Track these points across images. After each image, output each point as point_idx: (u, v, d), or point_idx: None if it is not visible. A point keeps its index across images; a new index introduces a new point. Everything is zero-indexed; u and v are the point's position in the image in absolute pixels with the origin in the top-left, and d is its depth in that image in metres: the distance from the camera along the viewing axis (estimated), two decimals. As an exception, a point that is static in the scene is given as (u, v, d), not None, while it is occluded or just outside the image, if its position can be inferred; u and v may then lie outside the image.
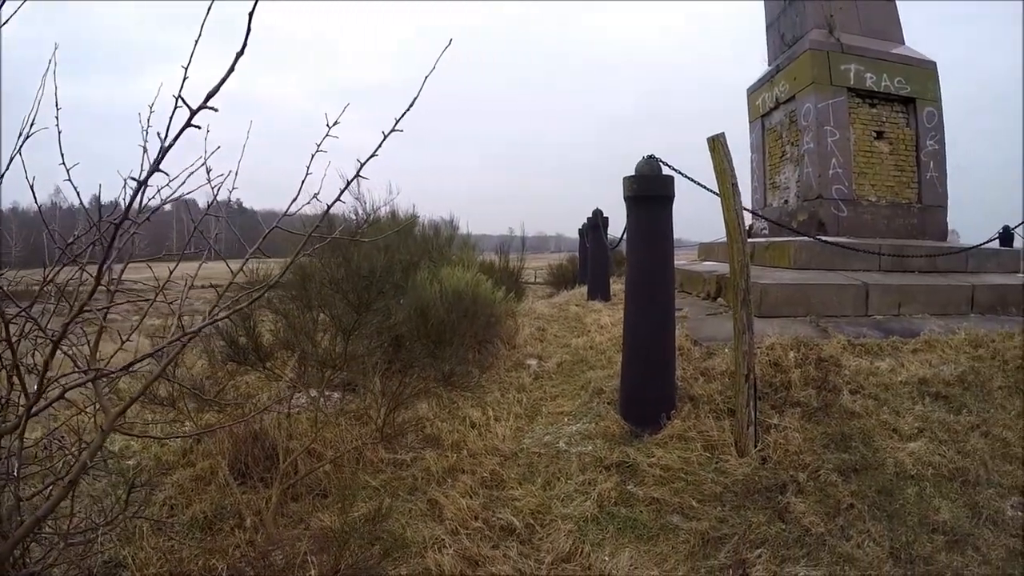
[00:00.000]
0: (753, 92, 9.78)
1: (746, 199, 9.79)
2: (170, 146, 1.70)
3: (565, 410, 4.19)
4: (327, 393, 4.15)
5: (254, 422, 3.46)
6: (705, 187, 3.82)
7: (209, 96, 1.63)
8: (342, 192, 2.06)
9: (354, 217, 5.39)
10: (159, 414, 3.80)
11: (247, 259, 2.11)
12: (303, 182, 1.96)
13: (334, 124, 1.89)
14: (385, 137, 1.93)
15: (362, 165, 1.97)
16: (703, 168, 3.73)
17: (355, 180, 2.07)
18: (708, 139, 3.65)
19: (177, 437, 3.57)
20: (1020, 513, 3.34)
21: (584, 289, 9.29)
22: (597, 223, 8.92)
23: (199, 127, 1.68)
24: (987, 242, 6.60)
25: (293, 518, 3.01)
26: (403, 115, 1.90)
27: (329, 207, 2.06)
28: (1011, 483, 3.54)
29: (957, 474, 3.51)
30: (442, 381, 4.30)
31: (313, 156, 1.93)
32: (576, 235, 12.62)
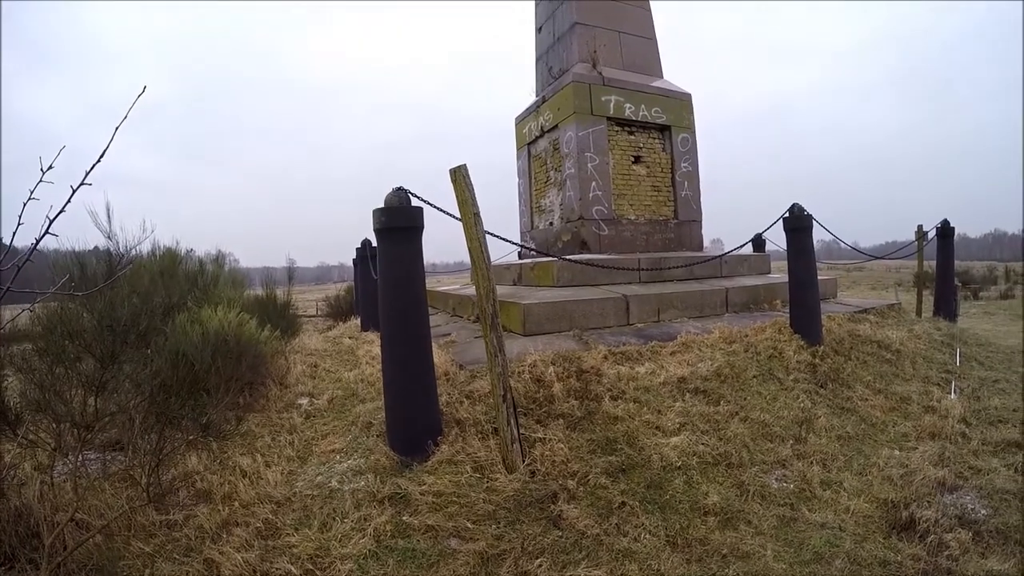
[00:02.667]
0: (520, 121, 10.22)
1: (515, 223, 10.23)
2: None
3: (337, 447, 4.03)
4: (90, 455, 3.77)
5: (13, 497, 3.04)
6: (452, 215, 3.87)
7: None
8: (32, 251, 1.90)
9: (111, 256, 4.95)
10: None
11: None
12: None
13: (48, 168, 1.78)
14: (74, 192, 1.85)
15: (51, 222, 1.87)
16: (481, 188, 3.75)
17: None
18: (450, 171, 3.70)
19: None
20: (784, 484, 3.63)
21: (359, 320, 9.22)
22: (366, 254, 8.78)
23: None
24: (737, 248, 7.21)
25: (69, 601, 2.70)
26: (92, 167, 1.92)
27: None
28: (773, 459, 3.86)
29: (721, 459, 3.77)
30: (202, 431, 4.02)
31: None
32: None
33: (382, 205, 3.88)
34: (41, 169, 1.80)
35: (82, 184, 1.87)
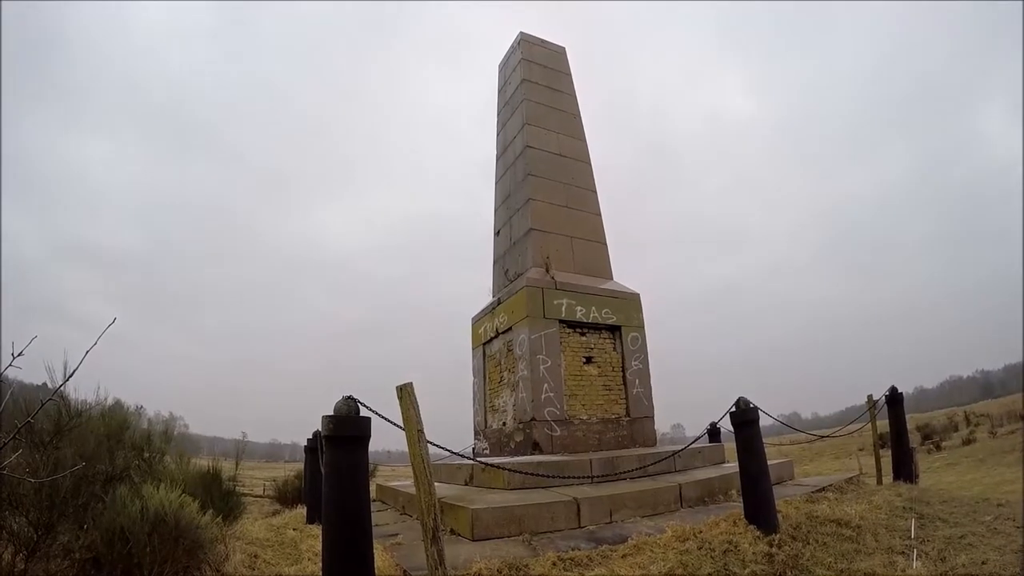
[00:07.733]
0: (477, 321, 10.61)
1: (468, 420, 10.35)
2: None
3: (266, 650, 3.88)
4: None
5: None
6: (398, 426, 4.00)
7: None
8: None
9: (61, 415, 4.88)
10: None
11: None
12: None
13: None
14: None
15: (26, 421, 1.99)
16: (451, 366, 3.89)
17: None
18: (397, 388, 3.86)
19: None
20: None
21: (306, 510, 8.79)
22: (316, 446, 8.69)
23: None
24: (693, 442, 7.34)
25: None
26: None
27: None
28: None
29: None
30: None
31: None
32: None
33: (331, 412, 3.98)
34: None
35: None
